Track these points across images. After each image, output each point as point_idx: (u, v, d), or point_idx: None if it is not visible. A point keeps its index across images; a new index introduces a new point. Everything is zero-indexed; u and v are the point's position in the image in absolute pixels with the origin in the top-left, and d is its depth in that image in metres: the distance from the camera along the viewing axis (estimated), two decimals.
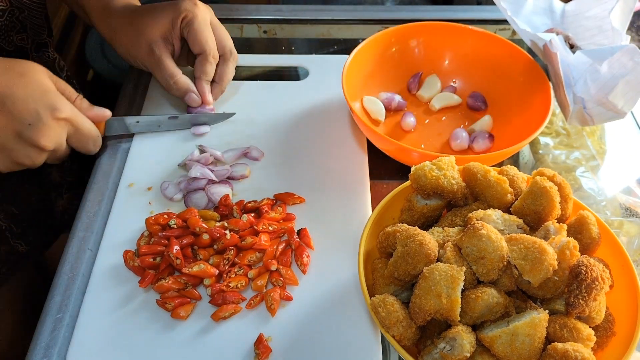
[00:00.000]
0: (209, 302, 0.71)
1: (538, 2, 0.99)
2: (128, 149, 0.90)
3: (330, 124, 0.94)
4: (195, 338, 0.69)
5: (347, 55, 0.92)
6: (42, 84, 0.72)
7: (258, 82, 1.02)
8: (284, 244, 0.77)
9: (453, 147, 0.92)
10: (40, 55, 0.94)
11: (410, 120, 0.95)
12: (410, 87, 1.01)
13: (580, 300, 0.58)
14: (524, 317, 0.58)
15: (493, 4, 0.97)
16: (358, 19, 1.19)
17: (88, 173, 0.89)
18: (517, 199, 0.68)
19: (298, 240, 0.77)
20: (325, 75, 1.03)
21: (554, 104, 0.89)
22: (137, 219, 0.80)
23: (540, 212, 0.65)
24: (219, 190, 0.82)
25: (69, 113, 0.75)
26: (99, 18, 0.93)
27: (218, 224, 0.76)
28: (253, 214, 0.79)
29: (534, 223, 0.66)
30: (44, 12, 0.91)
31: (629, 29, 1.12)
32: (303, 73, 1.06)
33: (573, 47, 0.94)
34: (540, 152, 0.93)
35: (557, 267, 0.59)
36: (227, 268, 0.73)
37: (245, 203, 0.81)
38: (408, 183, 0.72)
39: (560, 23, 0.99)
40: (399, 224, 0.67)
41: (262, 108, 0.97)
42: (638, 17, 1.22)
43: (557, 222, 0.65)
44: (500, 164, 0.78)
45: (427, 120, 0.98)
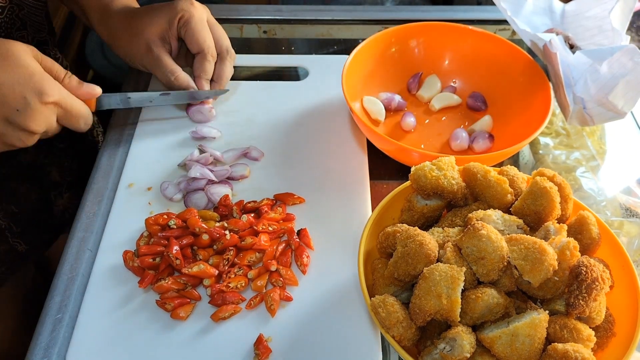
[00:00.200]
0: (209, 302, 0.71)
1: (538, 2, 0.99)
2: (128, 149, 0.90)
3: (330, 124, 0.94)
4: (195, 338, 0.69)
5: (347, 56, 0.92)
6: (27, 66, 0.71)
7: (258, 82, 1.02)
8: (284, 244, 0.77)
9: (453, 147, 0.92)
10: (42, 52, 0.94)
11: (410, 121, 0.95)
12: (410, 87, 1.01)
13: (581, 301, 0.58)
14: (524, 317, 0.58)
15: (493, 4, 0.97)
16: (358, 19, 1.19)
17: (88, 172, 0.88)
18: (517, 199, 0.68)
19: (298, 241, 0.77)
20: (325, 76, 1.02)
21: (554, 104, 0.89)
22: (136, 219, 0.80)
23: (541, 212, 0.65)
24: (219, 191, 0.82)
25: (57, 96, 0.73)
26: (98, 20, 0.94)
27: (218, 224, 0.76)
28: (253, 214, 0.79)
29: (534, 223, 0.66)
30: (45, 9, 0.91)
31: (629, 29, 1.12)
32: (303, 73, 1.06)
33: (573, 47, 0.94)
34: (540, 152, 0.93)
35: (557, 267, 0.59)
36: (226, 268, 0.73)
37: (245, 203, 0.81)
38: (408, 183, 0.72)
39: (560, 23, 0.99)
40: (399, 224, 0.67)
41: (262, 108, 0.97)
42: (638, 17, 1.21)
43: (557, 222, 0.65)
44: (500, 164, 0.78)
45: (427, 121, 0.98)
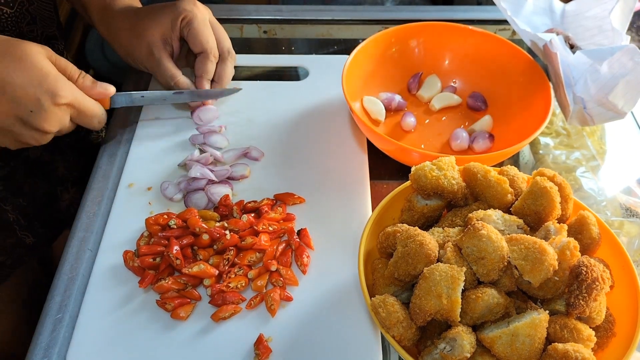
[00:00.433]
0: (209, 302, 0.71)
1: (538, 2, 0.99)
2: (128, 149, 0.90)
3: (330, 124, 0.94)
4: (195, 338, 0.69)
5: (347, 56, 0.91)
6: (41, 67, 0.71)
7: (258, 82, 1.02)
8: (284, 244, 0.77)
9: (453, 147, 0.92)
10: (51, 47, 0.93)
11: (411, 121, 0.95)
12: (411, 87, 1.01)
13: (581, 301, 0.58)
14: (525, 317, 0.58)
15: (493, 4, 0.97)
16: (358, 19, 1.19)
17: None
18: (517, 199, 0.68)
19: (298, 241, 0.77)
20: (325, 76, 1.02)
21: (554, 104, 0.89)
22: (137, 219, 0.80)
23: (541, 212, 0.65)
24: (219, 191, 0.82)
25: (70, 97, 0.74)
26: (100, 19, 0.93)
27: (218, 224, 0.76)
28: (253, 214, 0.79)
29: (534, 223, 0.66)
30: (53, 3, 0.91)
31: (629, 29, 1.12)
32: (303, 73, 1.06)
33: (573, 47, 0.94)
34: (541, 152, 0.93)
35: (557, 267, 0.59)
36: (227, 268, 0.73)
37: (245, 203, 0.81)
38: (408, 183, 0.72)
39: (560, 23, 0.99)
40: (399, 224, 0.67)
41: (262, 108, 0.97)
42: (638, 17, 1.22)
43: (557, 222, 0.65)
44: (501, 164, 0.78)
45: (427, 121, 0.98)
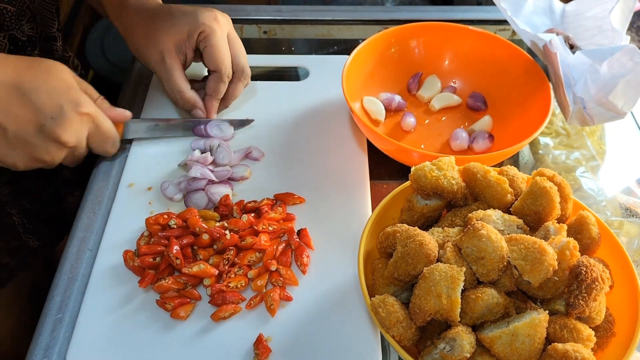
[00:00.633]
0: (209, 302, 0.71)
1: (538, 2, 0.99)
2: (128, 149, 0.90)
3: (330, 124, 0.94)
4: (195, 338, 0.69)
5: (347, 56, 0.92)
6: (66, 81, 0.73)
7: (258, 82, 1.02)
8: (284, 244, 0.77)
9: (453, 147, 0.92)
10: (49, 48, 0.93)
11: (410, 121, 0.95)
12: (410, 87, 1.01)
13: (580, 301, 0.58)
14: (524, 317, 0.58)
15: (493, 4, 0.97)
16: (358, 19, 1.19)
17: None
18: (517, 199, 0.68)
19: (298, 241, 0.77)
20: (325, 76, 1.02)
21: (554, 104, 0.89)
22: (137, 219, 0.80)
23: (540, 212, 0.65)
24: (219, 190, 0.82)
25: (92, 109, 0.76)
26: (113, 12, 0.92)
27: (218, 224, 0.76)
28: (253, 214, 0.79)
29: (534, 223, 0.66)
30: (55, 5, 0.90)
31: (629, 29, 1.12)
32: (303, 73, 1.06)
33: (573, 47, 0.94)
34: (540, 152, 0.93)
35: (557, 267, 0.59)
36: (226, 268, 0.73)
37: (245, 203, 0.81)
38: (408, 183, 0.72)
39: (560, 23, 0.99)
40: (399, 224, 0.67)
41: (262, 109, 0.97)
42: (638, 17, 1.22)
43: (557, 222, 0.65)
44: (500, 164, 0.78)
45: (427, 121, 0.98)
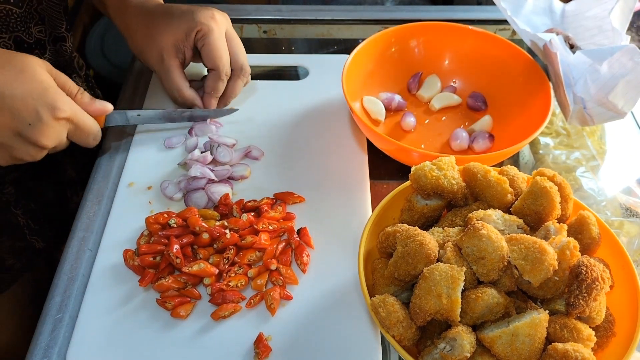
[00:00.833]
0: (209, 301, 0.71)
1: (538, 2, 0.99)
2: (128, 149, 0.90)
3: (330, 124, 0.94)
4: (195, 337, 0.69)
5: (347, 55, 0.91)
6: (41, 80, 0.71)
7: (258, 81, 1.02)
8: (284, 243, 0.77)
9: (453, 147, 0.92)
10: (58, 49, 0.93)
11: (411, 120, 0.95)
12: (410, 87, 1.01)
13: (581, 301, 0.58)
14: (524, 317, 0.58)
15: (493, 4, 0.97)
16: (358, 19, 1.19)
17: None
18: (517, 199, 0.68)
19: (298, 240, 0.77)
20: (325, 75, 1.02)
21: (554, 104, 0.89)
22: (137, 218, 0.80)
23: (541, 212, 0.65)
24: (219, 190, 0.82)
25: (69, 112, 0.74)
26: (115, 13, 0.92)
27: (218, 223, 0.76)
28: (253, 213, 0.79)
29: (534, 223, 0.66)
30: (63, 5, 0.90)
31: (629, 29, 1.12)
32: (303, 73, 1.06)
33: (573, 47, 0.94)
34: (541, 152, 0.93)
35: (557, 267, 0.59)
36: (226, 267, 0.73)
37: (245, 202, 0.81)
38: (408, 183, 0.72)
39: (560, 23, 0.99)
40: (399, 224, 0.67)
41: (262, 108, 0.97)
42: (638, 17, 1.22)
43: (557, 222, 0.65)
44: (500, 164, 0.78)
45: (427, 121, 0.98)
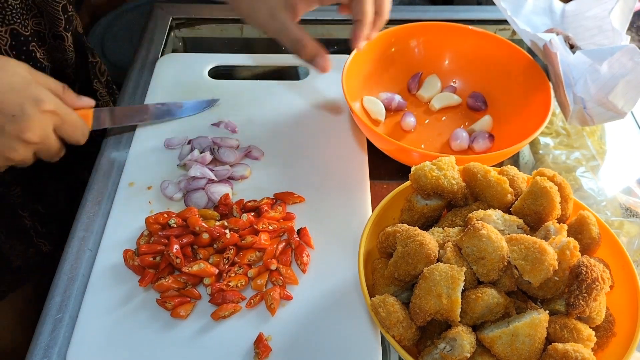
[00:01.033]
0: (209, 301, 0.71)
1: (538, 2, 0.99)
2: (128, 149, 0.90)
3: (330, 124, 0.94)
4: (195, 337, 0.69)
5: (346, 55, 0.91)
6: (24, 76, 0.71)
7: (258, 81, 1.02)
8: (284, 243, 0.77)
9: (453, 147, 0.92)
10: (58, 45, 0.92)
11: (411, 121, 0.95)
12: (410, 87, 1.01)
13: (581, 301, 0.58)
14: (524, 317, 0.58)
15: (493, 4, 0.97)
16: None
17: None
18: (517, 199, 0.68)
19: (298, 240, 0.77)
20: (325, 75, 1.01)
21: (554, 104, 0.89)
22: (137, 218, 0.80)
23: (541, 212, 0.65)
24: (219, 190, 0.82)
25: (54, 105, 0.73)
26: None
27: (218, 223, 0.76)
28: (253, 213, 0.79)
29: (534, 223, 0.66)
30: (62, 3, 0.88)
31: (629, 29, 1.12)
32: (303, 73, 1.06)
33: (573, 47, 0.94)
34: (541, 152, 0.93)
35: (557, 267, 0.59)
36: (226, 267, 0.73)
37: (245, 202, 0.81)
38: (408, 183, 0.72)
39: (560, 23, 0.99)
40: (399, 224, 0.67)
41: (262, 108, 0.97)
42: (638, 17, 1.22)
43: (557, 222, 0.65)
44: (500, 164, 0.78)
45: (427, 121, 0.98)
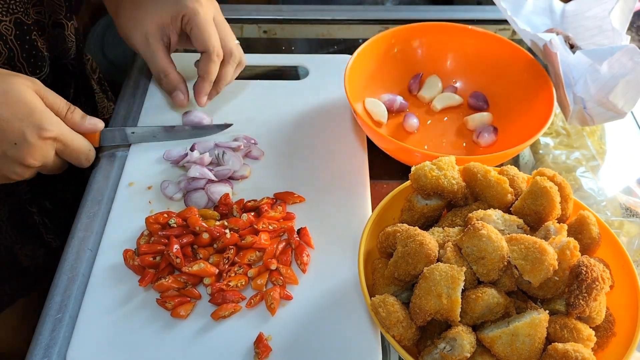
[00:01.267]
0: (209, 301, 0.71)
1: (538, 2, 0.99)
2: (128, 149, 0.90)
3: (331, 124, 0.94)
4: (195, 337, 0.69)
5: (347, 55, 0.91)
6: (27, 102, 0.71)
7: (258, 81, 1.02)
8: (284, 243, 0.77)
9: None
10: (58, 34, 0.91)
11: (414, 122, 0.95)
12: (411, 88, 1.01)
13: (581, 301, 0.58)
14: (525, 317, 0.58)
15: (493, 4, 0.97)
16: (358, 19, 1.19)
17: None
18: (517, 199, 0.68)
19: (298, 240, 0.77)
20: (325, 75, 1.02)
21: (554, 104, 0.89)
22: (137, 218, 0.80)
23: (541, 212, 0.65)
24: (219, 189, 0.82)
25: (56, 132, 0.73)
26: None
27: (218, 223, 0.76)
28: (253, 213, 0.79)
29: (534, 223, 0.66)
30: None
31: (629, 29, 1.12)
32: (303, 73, 1.06)
33: (573, 47, 0.94)
34: (541, 152, 0.93)
35: (557, 267, 0.59)
36: (227, 267, 0.73)
37: (245, 202, 0.81)
38: (408, 183, 0.72)
39: (560, 23, 0.99)
40: (399, 224, 0.67)
41: (262, 108, 0.97)
42: (638, 17, 1.22)
43: (557, 222, 0.65)
44: (501, 164, 0.78)
45: (429, 121, 0.97)
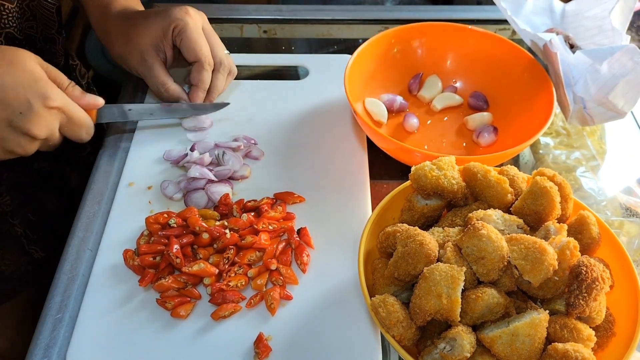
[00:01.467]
0: (209, 301, 0.71)
1: (538, 2, 0.99)
2: (128, 148, 0.90)
3: (331, 124, 0.94)
4: (195, 337, 0.69)
5: (347, 55, 0.91)
6: (33, 72, 0.71)
7: (258, 81, 1.02)
8: (284, 243, 0.77)
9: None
10: (49, 49, 0.93)
11: (414, 122, 0.95)
12: (411, 88, 1.01)
13: (581, 301, 0.58)
14: (524, 317, 0.58)
15: (493, 4, 0.97)
16: (358, 19, 1.19)
17: None
18: (517, 199, 0.68)
19: (298, 240, 0.77)
20: (325, 75, 1.02)
21: (554, 104, 0.89)
22: (137, 218, 0.80)
23: (541, 212, 0.65)
24: (219, 190, 0.82)
25: (61, 102, 0.74)
26: (96, 21, 0.93)
27: (218, 223, 0.76)
28: (253, 213, 0.79)
29: (534, 223, 0.66)
30: (56, 5, 0.90)
31: (629, 29, 1.12)
32: (303, 73, 1.06)
33: (573, 47, 0.94)
34: (541, 152, 0.93)
35: (557, 267, 0.59)
36: (227, 267, 0.73)
37: (245, 202, 0.81)
38: (408, 183, 0.72)
39: (560, 23, 0.99)
40: (399, 224, 0.67)
41: (262, 107, 0.97)
42: (638, 17, 1.22)
43: (557, 222, 0.65)
44: (501, 164, 0.78)
45: (429, 121, 0.97)
